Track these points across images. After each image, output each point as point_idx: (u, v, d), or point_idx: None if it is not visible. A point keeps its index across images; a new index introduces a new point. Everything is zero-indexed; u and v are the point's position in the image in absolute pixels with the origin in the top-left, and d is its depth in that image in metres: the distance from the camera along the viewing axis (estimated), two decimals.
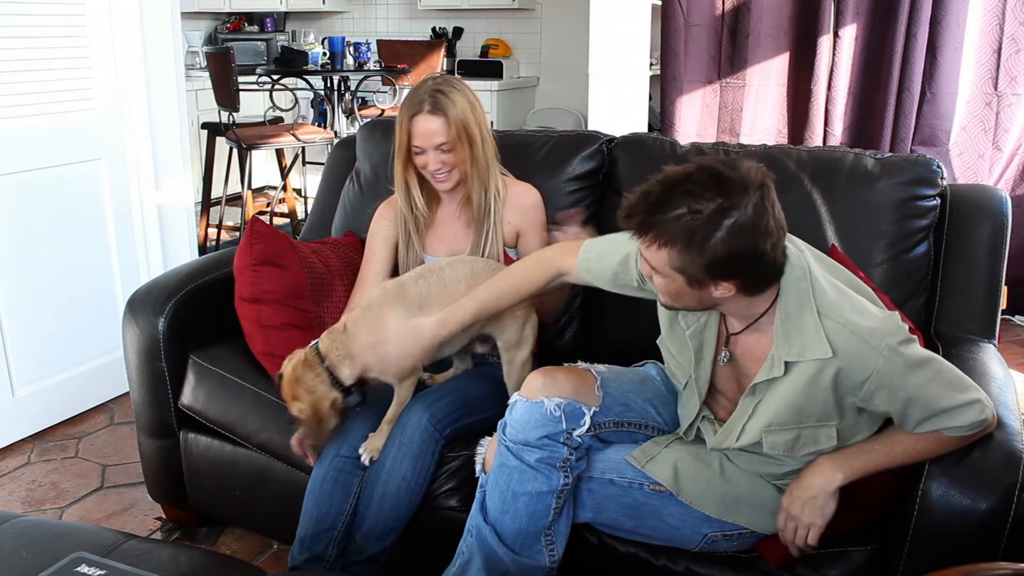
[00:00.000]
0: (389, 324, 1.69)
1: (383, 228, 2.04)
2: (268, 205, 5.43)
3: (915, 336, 1.40)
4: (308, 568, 1.69)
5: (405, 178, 1.95)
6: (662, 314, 1.60)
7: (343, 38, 4.55)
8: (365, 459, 1.71)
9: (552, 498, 1.49)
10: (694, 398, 1.57)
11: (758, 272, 1.34)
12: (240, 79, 4.22)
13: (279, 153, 4.85)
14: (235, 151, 4.55)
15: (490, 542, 1.51)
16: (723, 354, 1.51)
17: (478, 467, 1.67)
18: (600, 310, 2.06)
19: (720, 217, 1.25)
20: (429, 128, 1.84)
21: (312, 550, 1.69)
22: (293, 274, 1.96)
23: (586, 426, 1.53)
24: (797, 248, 1.41)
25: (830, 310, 1.36)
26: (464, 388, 1.83)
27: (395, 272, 2.02)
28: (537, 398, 1.52)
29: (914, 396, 1.34)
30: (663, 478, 1.51)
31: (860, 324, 1.34)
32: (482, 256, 1.94)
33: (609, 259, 1.62)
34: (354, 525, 1.71)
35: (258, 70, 4.84)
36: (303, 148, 5.20)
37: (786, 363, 1.38)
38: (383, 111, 4.52)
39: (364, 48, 4.63)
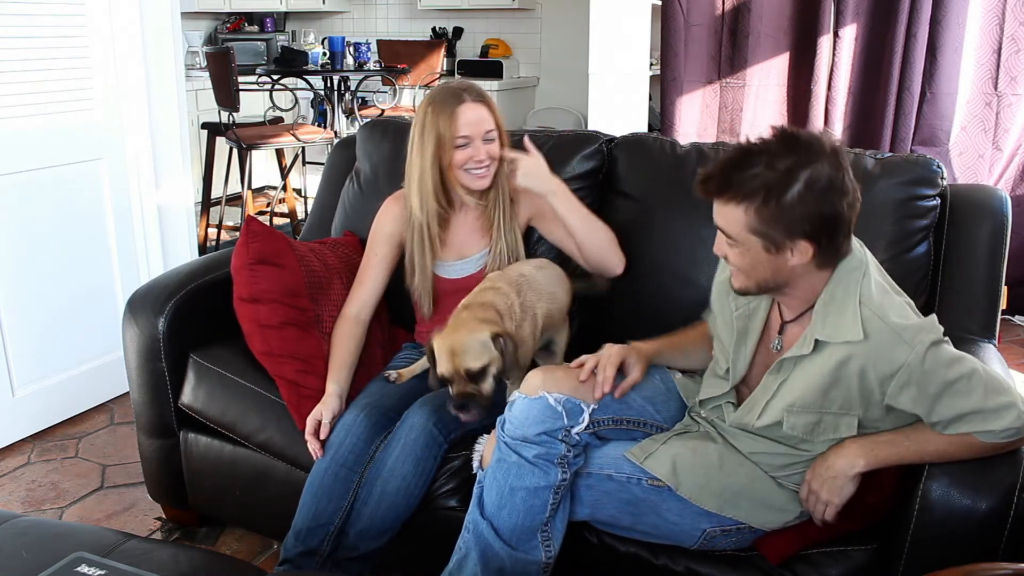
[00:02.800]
0: None
1: (387, 225, 1.99)
2: (268, 205, 5.43)
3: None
4: (301, 561, 1.69)
5: (438, 180, 1.87)
6: (714, 297, 1.63)
7: (343, 38, 4.56)
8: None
9: (549, 494, 1.49)
10: (727, 381, 1.58)
11: (835, 234, 1.35)
12: (240, 79, 4.22)
13: (279, 153, 4.85)
14: (235, 151, 4.55)
15: (486, 537, 1.51)
16: (775, 341, 1.52)
17: (475, 464, 1.67)
18: (600, 309, 2.06)
19: (797, 170, 1.30)
20: (479, 115, 1.83)
21: (307, 544, 1.70)
22: (291, 273, 1.96)
23: (585, 423, 1.53)
24: (861, 246, 1.45)
25: (871, 302, 1.38)
26: None
27: (398, 270, 2.00)
28: (537, 394, 1.52)
29: (945, 395, 1.34)
30: (662, 473, 1.51)
31: (896, 321, 1.36)
32: (504, 257, 1.95)
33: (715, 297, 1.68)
34: (349, 521, 1.71)
35: (258, 70, 4.84)
36: (303, 148, 5.20)
37: (816, 342, 1.40)
38: (383, 111, 4.52)
39: (364, 48, 4.63)
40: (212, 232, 4.76)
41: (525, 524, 1.50)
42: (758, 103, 3.69)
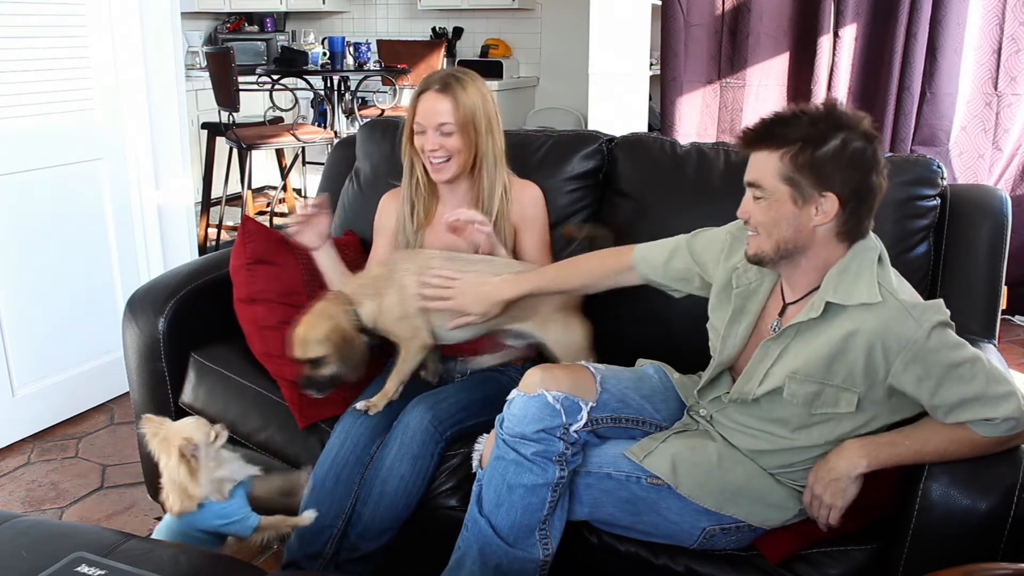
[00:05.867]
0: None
1: (383, 219, 2.06)
2: (268, 205, 5.43)
3: None
4: (306, 564, 1.69)
5: (411, 158, 1.94)
6: (716, 281, 1.62)
7: (343, 38, 4.56)
8: (361, 406, 1.76)
9: (547, 491, 1.50)
10: (716, 359, 1.59)
11: (862, 201, 1.39)
12: (240, 79, 4.22)
13: (279, 153, 4.85)
14: (235, 151, 4.55)
15: (485, 534, 1.51)
16: (774, 323, 1.52)
17: (475, 463, 1.68)
18: (599, 311, 2.06)
19: (835, 131, 1.36)
20: (434, 107, 1.83)
21: (311, 546, 1.70)
22: (288, 270, 1.96)
23: (583, 421, 1.53)
24: (876, 238, 1.47)
25: (885, 280, 1.40)
26: (467, 390, 1.83)
27: None
28: (535, 392, 1.52)
29: (948, 378, 1.35)
30: (661, 471, 1.51)
31: (905, 299, 1.38)
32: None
33: (662, 249, 1.71)
34: (350, 522, 1.71)
35: (258, 70, 4.84)
36: (303, 148, 5.20)
37: (827, 307, 1.40)
38: (383, 111, 4.52)
39: (364, 48, 4.63)
40: (212, 232, 4.77)
41: (523, 522, 1.50)
42: (758, 103, 3.69)
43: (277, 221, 5.15)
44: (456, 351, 1.95)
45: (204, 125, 4.84)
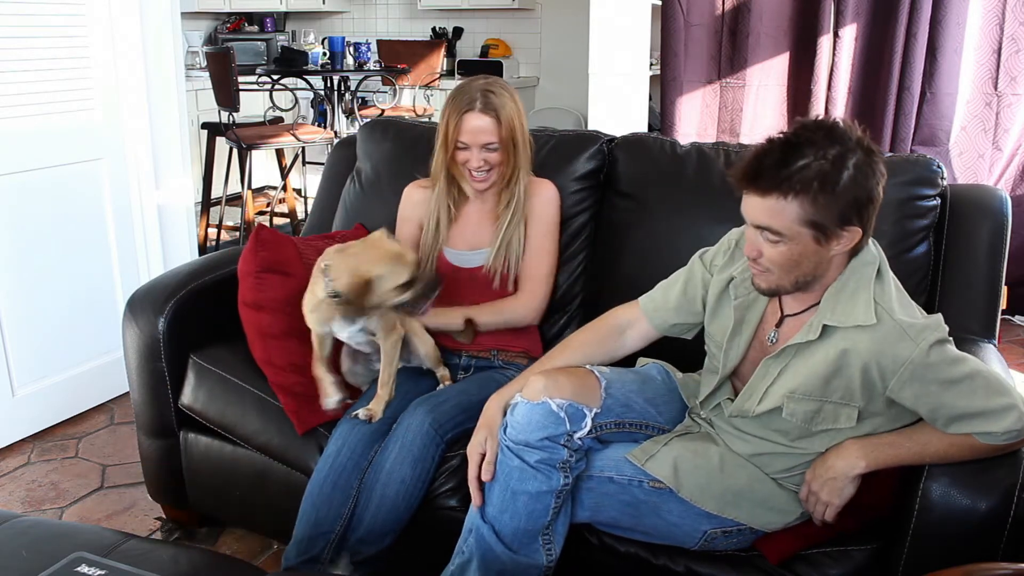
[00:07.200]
0: None
1: (405, 210, 2.08)
2: (268, 205, 5.43)
3: None
4: (304, 570, 1.69)
5: (450, 171, 1.96)
6: (711, 294, 1.61)
7: (343, 38, 4.56)
8: (363, 414, 1.76)
9: (551, 498, 1.49)
10: (719, 372, 1.58)
11: (874, 215, 1.38)
12: (240, 79, 4.22)
13: (279, 153, 4.85)
14: (235, 151, 4.55)
15: (488, 540, 1.51)
16: (771, 334, 1.52)
17: None
18: (601, 311, 2.06)
19: (845, 158, 1.31)
20: (479, 126, 1.87)
21: (309, 552, 1.69)
22: (298, 281, 1.94)
23: (587, 428, 1.52)
24: (875, 244, 1.45)
25: (883, 298, 1.39)
26: (467, 393, 1.83)
27: None
28: (539, 399, 1.51)
29: (947, 394, 1.35)
30: (663, 475, 1.51)
31: (902, 318, 1.37)
32: (504, 257, 1.96)
33: (668, 285, 1.68)
34: (351, 526, 1.71)
35: (258, 70, 4.84)
36: (303, 148, 5.20)
37: (824, 328, 1.40)
38: (383, 111, 4.52)
39: (364, 48, 4.63)
40: (212, 232, 4.76)
41: (527, 528, 1.50)
42: (758, 103, 3.69)
43: (277, 221, 5.15)
44: (459, 346, 1.97)
45: (204, 125, 4.84)
